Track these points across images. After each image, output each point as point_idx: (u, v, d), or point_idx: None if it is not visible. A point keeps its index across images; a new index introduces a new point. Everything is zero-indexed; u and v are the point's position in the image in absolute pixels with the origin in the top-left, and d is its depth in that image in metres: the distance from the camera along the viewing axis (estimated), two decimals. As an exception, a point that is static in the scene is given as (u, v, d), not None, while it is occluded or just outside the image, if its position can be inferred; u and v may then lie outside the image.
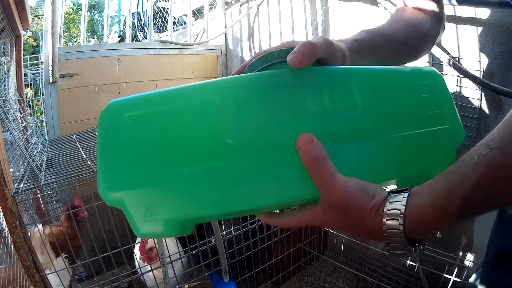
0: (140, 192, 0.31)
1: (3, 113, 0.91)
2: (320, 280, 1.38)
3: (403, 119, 0.36)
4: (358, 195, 0.30)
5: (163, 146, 0.31)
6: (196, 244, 1.12)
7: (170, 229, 0.31)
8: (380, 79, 0.38)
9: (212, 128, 0.31)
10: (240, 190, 0.31)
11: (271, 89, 0.33)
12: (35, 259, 0.79)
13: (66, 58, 1.49)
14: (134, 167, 0.31)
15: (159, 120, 0.32)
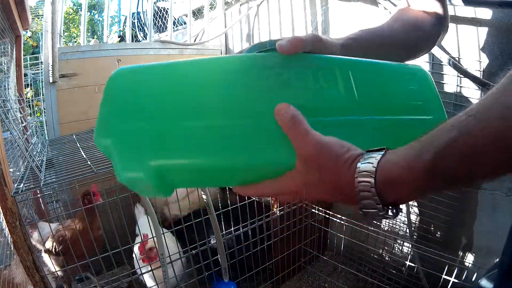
0: (128, 138, 0.35)
1: (3, 113, 0.91)
2: (320, 280, 1.38)
3: (387, 104, 0.40)
4: (332, 147, 0.31)
5: (153, 103, 0.36)
6: (196, 244, 1.12)
7: (149, 175, 0.34)
8: (368, 67, 0.42)
9: (204, 92, 0.37)
10: (220, 146, 0.34)
11: (260, 66, 0.38)
12: (35, 259, 0.79)
13: (66, 58, 1.49)
14: (122, 119, 0.36)
15: (153, 86, 0.38)
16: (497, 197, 1.01)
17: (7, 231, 0.78)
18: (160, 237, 0.96)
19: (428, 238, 1.18)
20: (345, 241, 1.28)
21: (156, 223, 0.95)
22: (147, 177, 0.34)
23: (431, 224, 1.18)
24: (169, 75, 0.38)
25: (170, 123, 0.35)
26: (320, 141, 0.31)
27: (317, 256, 1.47)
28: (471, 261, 1.09)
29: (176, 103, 0.36)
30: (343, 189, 0.30)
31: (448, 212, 1.12)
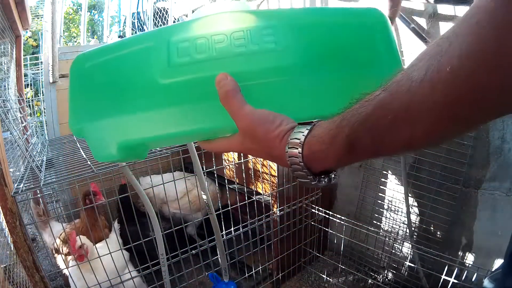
0: (97, 123, 0.38)
1: (3, 113, 0.91)
2: (320, 280, 1.38)
3: (336, 59, 0.37)
4: (264, 123, 0.33)
5: (113, 86, 0.38)
6: (196, 244, 1.12)
7: (121, 152, 0.38)
8: (312, 18, 0.39)
9: (150, 68, 0.38)
10: (173, 119, 0.37)
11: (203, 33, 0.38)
12: (35, 259, 0.79)
13: (66, 58, 1.49)
14: (93, 104, 0.39)
15: (109, 66, 0.39)
16: (497, 197, 1.01)
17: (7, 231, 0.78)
18: (160, 237, 0.96)
19: (428, 238, 1.18)
20: (345, 241, 1.28)
21: (156, 223, 0.95)
22: (118, 154, 0.38)
23: (431, 224, 1.18)
24: (119, 54, 0.39)
25: (126, 101, 0.38)
26: (253, 115, 0.33)
27: (317, 256, 1.47)
28: (471, 261, 1.09)
29: (129, 82, 0.38)
30: (278, 159, 0.33)
31: (448, 212, 1.12)
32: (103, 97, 0.38)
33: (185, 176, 1.18)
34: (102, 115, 0.38)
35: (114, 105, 0.38)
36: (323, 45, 0.38)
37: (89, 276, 0.92)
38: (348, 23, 0.39)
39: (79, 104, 0.40)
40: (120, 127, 0.38)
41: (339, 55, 0.38)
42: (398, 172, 1.24)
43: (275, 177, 1.21)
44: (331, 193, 1.54)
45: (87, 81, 0.40)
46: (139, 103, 0.37)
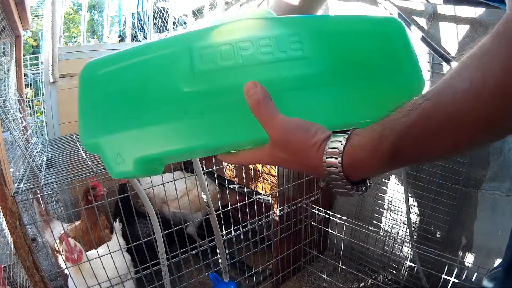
0: (111, 137, 0.35)
1: (3, 113, 0.91)
2: (320, 280, 1.38)
3: (359, 67, 0.37)
4: (298, 132, 0.32)
5: (129, 96, 0.36)
6: (196, 244, 1.12)
7: (138, 168, 0.35)
8: (335, 27, 0.39)
9: (172, 76, 0.35)
10: (197, 131, 0.35)
11: (224, 40, 0.36)
12: (35, 259, 0.79)
13: (66, 58, 1.49)
14: (106, 116, 0.36)
15: (125, 74, 0.36)
16: (497, 197, 1.01)
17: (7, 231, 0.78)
18: (160, 237, 0.96)
19: (428, 238, 1.18)
20: (345, 241, 1.28)
21: (156, 223, 0.95)
22: (135, 170, 0.35)
23: (431, 224, 1.18)
24: (135, 66, 0.37)
25: (145, 113, 0.35)
26: (286, 126, 0.32)
27: (317, 256, 1.48)
28: (471, 261, 1.09)
29: (148, 92, 0.36)
30: (312, 169, 0.33)
31: (448, 212, 1.12)
32: (119, 108, 0.36)
33: (185, 176, 1.18)
34: (118, 128, 0.35)
35: (132, 116, 0.35)
36: (347, 53, 0.38)
37: (87, 280, 0.91)
38: (370, 31, 0.39)
39: (91, 117, 0.37)
40: (138, 140, 0.35)
41: (362, 63, 0.38)
42: (398, 172, 1.24)
43: (275, 177, 1.21)
44: (331, 193, 1.54)
45: (100, 91, 0.36)
46: (160, 114, 0.35)
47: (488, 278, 0.49)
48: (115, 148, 0.36)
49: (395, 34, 0.40)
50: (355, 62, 0.37)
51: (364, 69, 0.37)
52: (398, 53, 0.39)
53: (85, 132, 0.37)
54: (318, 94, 0.36)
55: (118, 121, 0.35)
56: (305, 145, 0.32)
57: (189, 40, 0.36)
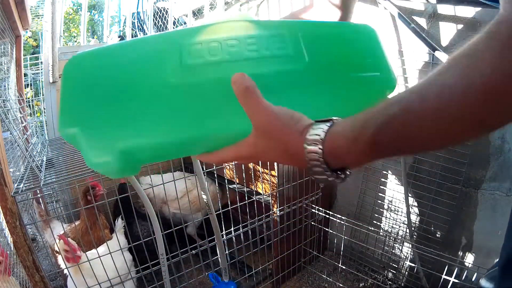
0: (94, 126, 0.35)
1: (3, 113, 0.91)
2: (320, 280, 1.38)
3: (337, 67, 0.42)
4: (282, 118, 0.33)
5: (115, 86, 0.36)
6: (196, 244, 1.12)
7: (117, 159, 0.35)
8: (316, 29, 0.44)
9: (160, 69, 0.37)
10: (181, 122, 0.36)
11: (213, 38, 0.39)
12: (35, 259, 0.79)
13: (66, 58, 1.49)
14: (90, 106, 0.36)
15: (112, 66, 0.37)
16: (497, 197, 1.01)
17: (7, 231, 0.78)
18: (160, 238, 0.96)
19: (428, 238, 1.18)
20: (345, 241, 1.28)
21: (156, 223, 0.95)
22: (115, 160, 0.35)
23: (431, 224, 1.18)
24: (125, 56, 0.38)
25: (131, 105, 0.36)
26: (271, 111, 0.33)
27: (317, 256, 1.48)
28: (471, 261, 1.09)
29: (136, 84, 0.36)
30: (293, 156, 0.33)
31: (448, 212, 1.12)
32: (104, 98, 0.36)
33: (185, 176, 1.18)
34: (101, 117, 0.36)
35: (116, 107, 0.36)
36: (326, 54, 0.41)
37: (86, 280, 0.91)
38: (347, 35, 0.45)
39: (73, 106, 0.37)
40: (120, 130, 0.35)
41: (340, 63, 0.42)
42: (398, 172, 1.24)
43: (275, 177, 1.21)
44: (331, 193, 1.54)
45: (85, 81, 0.37)
46: (146, 105, 0.36)
47: (486, 278, 0.49)
48: (96, 139, 0.36)
49: (368, 38, 0.46)
50: (333, 62, 0.41)
51: (341, 68, 0.42)
52: (371, 54, 0.45)
53: (66, 120, 0.37)
54: (299, 91, 0.39)
55: (101, 111, 0.36)
56: (290, 130, 0.32)
57: (178, 36, 0.38)
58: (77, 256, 0.92)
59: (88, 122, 0.36)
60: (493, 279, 0.46)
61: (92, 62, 0.38)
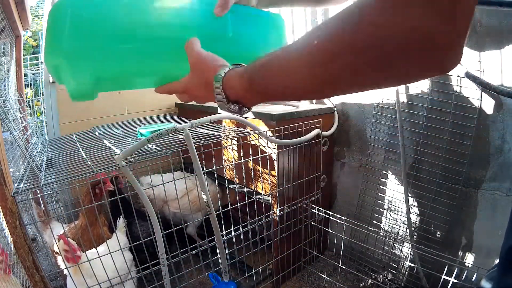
0: (72, 56, 0.47)
1: (3, 113, 0.91)
2: (320, 280, 1.38)
3: (250, 40, 0.66)
4: (208, 59, 0.48)
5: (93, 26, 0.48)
6: (196, 244, 1.12)
7: (92, 84, 0.51)
8: (242, 11, 0.63)
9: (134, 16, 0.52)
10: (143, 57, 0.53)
11: None
12: (35, 259, 0.79)
13: (66, 58, 1.48)
14: (68, 41, 0.47)
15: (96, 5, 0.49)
16: (497, 197, 1.01)
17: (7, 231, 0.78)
18: (160, 238, 0.96)
19: (428, 238, 1.18)
20: (345, 241, 1.28)
21: (156, 223, 0.95)
22: (90, 85, 0.50)
23: (431, 224, 1.18)
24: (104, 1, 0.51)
25: (107, 43, 0.49)
26: (201, 53, 0.49)
27: (317, 256, 1.48)
28: (471, 261, 1.09)
29: (112, 25, 0.50)
30: (208, 88, 0.46)
31: (448, 212, 1.12)
32: (84, 36, 0.48)
33: (185, 176, 1.18)
34: (80, 52, 0.47)
35: (95, 44, 0.48)
36: (244, 32, 0.64)
37: (86, 280, 0.91)
38: (263, 21, 0.69)
39: (57, 40, 0.47)
40: (96, 63, 0.49)
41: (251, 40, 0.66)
42: (398, 172, 1.24)
43: (275, 177, 1.21)
44: (331, 193, 1.54)
45: (69, 19, 0.47)
46: (119, 43, 0.50)
47: (486, 278, 0.49)
48: (75, 67, 0.48)
49: (277, 27, 0.72)
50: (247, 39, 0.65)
51: (251, 44, 0.66)
52: (274, 41, 0.70)
53: (51, 51, 0.49)
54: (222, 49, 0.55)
55: (80, 45, 0.48)
56: (209, 67, 0.46)
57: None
58: (77, 256, 0.92)
59: (70, 54, 0.47)
60: (493, 279, 0.46)
61: (77, 4, 0.48)
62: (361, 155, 1.39)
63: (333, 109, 1.41)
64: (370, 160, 1.34)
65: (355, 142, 1.41)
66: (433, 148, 1.13)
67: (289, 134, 1.15)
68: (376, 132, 1.31)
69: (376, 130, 1.31)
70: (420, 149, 1.16)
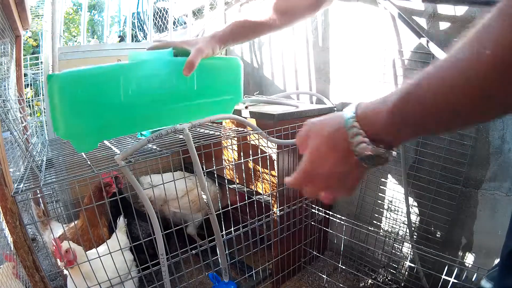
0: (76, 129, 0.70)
1: (3, 113, 0.91)
2: (320, 280, 1.38)
3: (211, 90, 0.84)
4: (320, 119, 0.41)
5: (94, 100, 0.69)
6: (196, 244, 1.12)
7: (91, 145, 0.75)
8: (203, 67, 0.74)
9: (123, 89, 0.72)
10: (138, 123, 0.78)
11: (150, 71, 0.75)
12: (35, 259, 0.79)
13: (66, 58, 1.49)
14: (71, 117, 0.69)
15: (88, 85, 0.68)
16: (497, 197, 1.01)
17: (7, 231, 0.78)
18: (160, 238, 0.96)
19: (428, 238, 1.18)
20: (345, 241, 1.28)
21: (156, 223, 0.95)
22: (92, 144, 0.74)
23: (431, 224, 1.18)
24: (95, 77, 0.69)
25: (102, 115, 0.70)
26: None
27: (317, 256, 1.47)
28: (471, 261, 1.09)
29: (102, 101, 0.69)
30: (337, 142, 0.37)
31: (448, 212, 1.12)
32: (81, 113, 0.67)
33: (185, 176, 1.18)
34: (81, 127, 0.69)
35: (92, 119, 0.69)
36: (206, 84, 0.82)
37: (82, 282, 0.91)
38: (221, 67, 0.86)
39: (61, 115, 0.66)
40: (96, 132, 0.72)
41: (212, 89, 0.85)
42: (398, 172, 1.24)
43: (275, 177, 1.21)
44: (331, 193, 1.54)
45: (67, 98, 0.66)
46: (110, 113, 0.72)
47: (487, 278, 0.49)
48: (81, 135, 0.70)
49: (233, 69, 0.88)
50: (208, 89, 0.83)
51: (211, 92, 0.84)
52: (231, 83, 0.88)
53: (57, 126, 0.68)
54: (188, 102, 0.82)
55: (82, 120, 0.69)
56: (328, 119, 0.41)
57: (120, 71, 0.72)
58: (69, 261, 0.91)
59: (75, 128, 0.69)
60: (494, 279, 0.46)
61: (70, 82, 0.66)
62: (361, 155, 1.39)
63: (333, 109, 1.41)
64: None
65: (355, 142, 1.41)
66: (433, 148, 1.13)
67: (289, 134, 1.15)
68: (376, 132, 1.31)
69: (376, 130, 1.31)
70: (420, 149, 1.16)
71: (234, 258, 1.37)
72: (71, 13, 5.32)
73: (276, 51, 1.71)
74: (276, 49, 1.71)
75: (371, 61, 1.26)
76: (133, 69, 0.72)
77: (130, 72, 0.71)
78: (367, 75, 1.29)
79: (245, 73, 1.97)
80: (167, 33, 2.11)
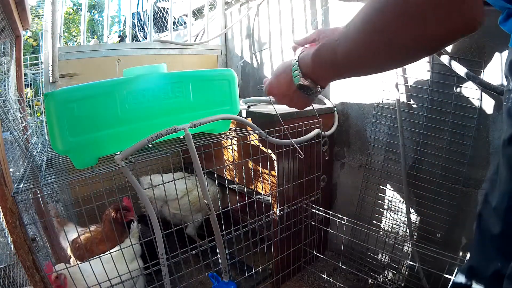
0: (73, 146, 0.73)
1: (3, 113, 0.91)
2: (320, 280, 1.38)
3: (208, 101, 0.90)
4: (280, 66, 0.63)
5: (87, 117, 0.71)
6: (196, 244, 1.12)
7: (90, 161, 0.78)
8: (198, 79, 0.86)
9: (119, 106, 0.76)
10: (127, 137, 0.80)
11: (144, 87, 0.80)
12: (35, 259, 0.79)
13: (66, 58, 1.49)
14: (69, 133, 0.71)
15: (86, 102, 0.71)
16: (497, 197, 1.01)
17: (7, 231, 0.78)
18: (160, 238, 0.96)
19: (428, 238, 1.18)
20: (345, 241, 1.28)
21: (156, 223, 0.95)
22: (90, 162, 0.78)
23: (431, 224, 1.18)
24: (92, 94, 0.72)
25: (96, 130, 0.73)
26: None
27: (317, 256, 1.47)
28: (471, 261, 1.08)
29: (102, 116, 0.73)
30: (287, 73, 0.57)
31: (448, 212, 1.12)
32: (78, 129, 0.70)
33: (185, 176, 1.18)
34: (78, 143, 0.71)
35: (89, 135, 0.72)
36: (202, 96, 0.89)
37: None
38: (216, 80, 0.92)
39: (59, 132, 0.68)
40: (93, 148, 0.75)
41: (209, 100, 0.91)
42: (398, 172, 1.24)
43: (275, 177, 1.21)
44: (331, 193, 1.54)
45: (66, 113, 0.68)
46: (108, 130, 0.75)
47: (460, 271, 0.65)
48: (79, 153, 0.73)
49: (229, 80, 0.93)
50: (205, 100, 0.90)
51: (208, 104, 0.90)
52: (227, 94, 0.93)
53: (55, 143, 0.70)
54: (186, 114, 0.87)
55: (79, 138, 0.72)
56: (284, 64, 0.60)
57: (118, 86, 0.76)
58: (58, 286, 0.92)
59: (72, 148, 0.72)
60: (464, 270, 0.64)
61: (67, 98, 0.69)
62: (361, 155, 1.39)
63: (333, 109, 1.41)
64: (370, 160, 1.34)
65: (355, 142, 1.41)
66: (433, 148, 1.13)
67: (289, 134, 1.15)
68: (376, 132, 1.31)
69: (376, 130, 1.31)
70: (420, 149, 1.16)
71: (234, 258, 1.37)
72: (71, 13, 5.33)
73: (276, 51, 1.71)
74: (276, 49, 1.71)
75: (371, 61, 1.26)
76: (129, 84, 0.75)
77: (126, 87, 0.74)
78: (367, 75, 1.29)
79: (245, 73, 1.97)
80: (167, 33, 2.11)
